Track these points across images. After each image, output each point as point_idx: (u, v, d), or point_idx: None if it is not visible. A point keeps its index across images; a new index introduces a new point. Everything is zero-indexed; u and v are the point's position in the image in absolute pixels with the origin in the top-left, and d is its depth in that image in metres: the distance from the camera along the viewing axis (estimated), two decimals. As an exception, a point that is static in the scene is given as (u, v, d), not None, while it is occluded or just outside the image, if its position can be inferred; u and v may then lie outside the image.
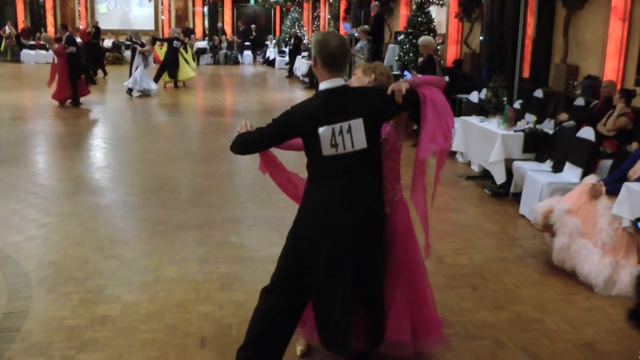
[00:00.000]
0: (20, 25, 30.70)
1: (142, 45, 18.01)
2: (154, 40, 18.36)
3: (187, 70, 19.61)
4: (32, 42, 28.80)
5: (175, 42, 18.71)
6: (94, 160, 10.00)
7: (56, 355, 4.05)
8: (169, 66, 18.81)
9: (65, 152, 10.36)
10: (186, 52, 19.98)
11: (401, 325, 3.78)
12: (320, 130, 3.33)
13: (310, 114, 3.41)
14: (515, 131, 7.90)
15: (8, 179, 8.37)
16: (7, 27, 29.27)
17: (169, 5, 33.40)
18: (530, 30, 11.02)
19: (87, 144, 11.14)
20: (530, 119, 8.63)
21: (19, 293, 4.95)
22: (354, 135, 3.35)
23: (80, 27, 19.42)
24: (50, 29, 31.25)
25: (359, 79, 3.78)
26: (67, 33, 16.16)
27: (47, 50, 27.91)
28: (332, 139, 3.34)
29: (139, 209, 7.24)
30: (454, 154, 9.76)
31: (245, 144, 3.58)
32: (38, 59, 27.91)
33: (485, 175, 8.50)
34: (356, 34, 15.85)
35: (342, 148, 3.36)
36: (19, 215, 6.91)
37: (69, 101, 15.59)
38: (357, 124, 3.35)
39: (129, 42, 18.79)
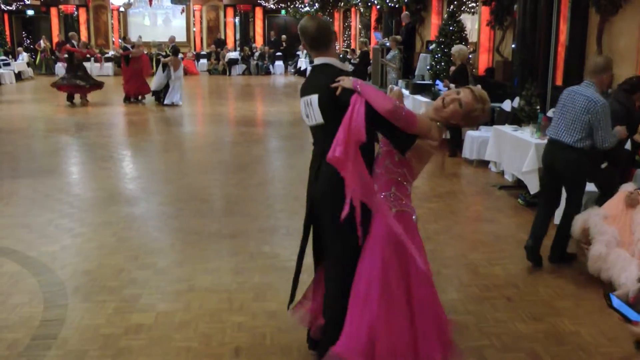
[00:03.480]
0: (55, 39, 31.23)
1: (165, 56, 18.64)
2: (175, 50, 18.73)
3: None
4: (66, 55, 29.24)
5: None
6: (127, 171, 10.10)
7: (92, 363, 4.09)
8: None
9: (99, 163, 10.48)
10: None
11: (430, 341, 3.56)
12: (302, 98, 3.75)
13: (306, 82, 3.83)
14: (549, 140, 7.80)
15: (43, 190, 8.49)
16: (42, 41, 29.82)
17: (201, 17, 33.73)
18: (563, 37, 10.90)
19: (120, 155, 11.25)
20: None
21: (55, 301, 5.01)
22: (314, 109, 3.64)
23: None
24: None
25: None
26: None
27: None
28: (305, 109, 3.72)
29: (172, 218, 7.30)
30: (486, 163, 9.68)
31: None
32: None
33: (519, 185, 8.40)
34: (387, 44, 15.85)
35: (310, 120, 3.72)
36: (53, 225, 7.00)
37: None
38: (315, 100, 3.62)
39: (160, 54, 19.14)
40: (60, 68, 28.43)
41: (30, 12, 32.42)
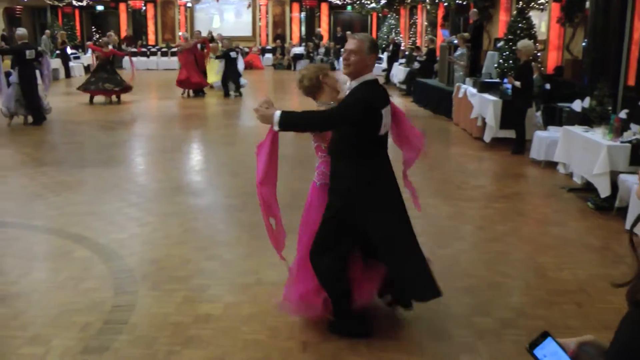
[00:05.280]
0: (123, 34, 31.91)
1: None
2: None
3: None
4: (134, 49, 29.87)
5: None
6: (193, 163, 10.25)
7: (162, 349, 4.16)
8: None
9: (164, 155, 10.67)
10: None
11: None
12: (384, 110, 4.00)
13: (378, 96, 4.05)
14: (621, 142, 7.59)
15: (111, 179, 8.70)
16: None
17: (267, 12, 33.95)
18: (637, 35, 10.56)
19: (185, 147, 11.43)
20: (636, 129, 8.26)
21: (125, 288, 5.12)
22: (390, 118, 4.15)
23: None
24: (151, 37, 32.43)
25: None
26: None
27: (147, 57, 29.08)
28: (385, 118, 4.02)
29: (238, 211, 7.35)
30: (555, 164, 9.46)
31: (322, 120, 4.03)
32: (139, 65, 28.90)
33: (588, 188, 8.17)
34: (455, 41, 15.66)
35: (385, 129, 4.06)
36: (121, 213, 7.16)
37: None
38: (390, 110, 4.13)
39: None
40: (126, 62, 29.15)
41: (99, 8, 33.22)
